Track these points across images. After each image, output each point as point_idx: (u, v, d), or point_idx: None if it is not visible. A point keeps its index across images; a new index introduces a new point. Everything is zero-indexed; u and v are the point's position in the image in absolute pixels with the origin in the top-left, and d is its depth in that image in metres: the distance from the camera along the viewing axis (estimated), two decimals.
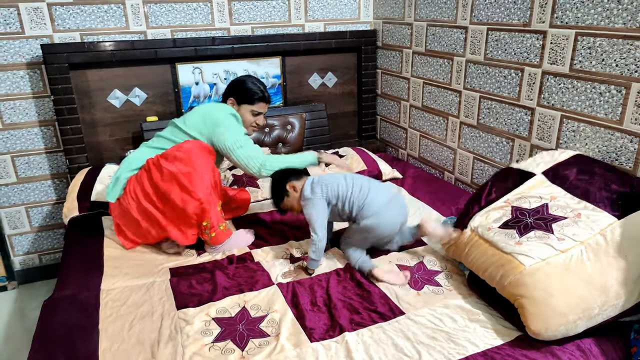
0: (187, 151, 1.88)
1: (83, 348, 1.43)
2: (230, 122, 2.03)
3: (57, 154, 2.72)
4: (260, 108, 2.14)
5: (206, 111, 2.05)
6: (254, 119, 2.14)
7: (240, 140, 1.99)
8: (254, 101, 2.11)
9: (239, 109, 2.12)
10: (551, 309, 1.38)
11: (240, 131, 2.03)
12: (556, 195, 1.66)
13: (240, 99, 2.11)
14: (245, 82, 2.13)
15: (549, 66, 2.05)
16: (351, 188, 1.82)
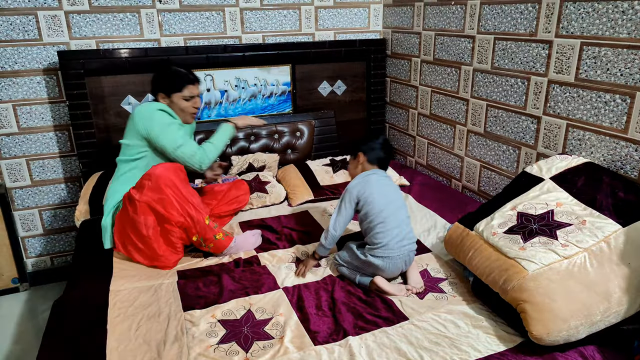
0: (157, 178, 1.86)
1: (91, 346, 1.47)
2: (162, 121, 2.01)
3: (71, 158, 2.78)
4: (191, 91, 2.09)
5: (136, 115, 2.02)
6: (189, 104, 2.10)
7: (176, 141, 2.00)
8: (182, 87, 2.06)
9: (171, 100, 2.07)
10: (553, 314, 1.38)
11: (174, 129, 2.02)
12: (562, 202, 1.67)
13: (168, 90, 2.06)
14: (165, 72, 2.09)
15: (554, 75, 2.06)
16: (378, 214, 1.78)
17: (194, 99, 2.11)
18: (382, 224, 1.77)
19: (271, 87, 3.08)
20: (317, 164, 2.85)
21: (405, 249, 1.77)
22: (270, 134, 3.00)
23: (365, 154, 1.93)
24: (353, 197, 1.85)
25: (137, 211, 1.87)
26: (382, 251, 1.75)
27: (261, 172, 2.80)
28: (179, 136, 2.02)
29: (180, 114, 2.10)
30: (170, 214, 1.88)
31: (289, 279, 1.82)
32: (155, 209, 1.88)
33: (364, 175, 1.90)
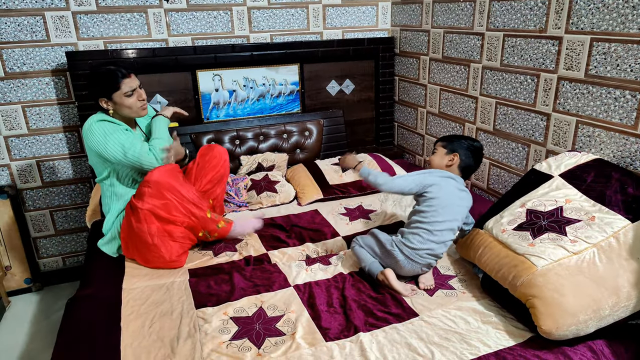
0: (156, 184, 1.86)
1: (105, 343, 1.49)
2: (103, 132, 1.92)
3: (81, 159, 2.81)
4: (129, 84, 1.96)
5: (83, 135, 1.98)
6: (134, 99, 1.98)
7: (123, 146, 1.92)
8: (118, 84, 1.93)
9: (114, 102, 1.96)
10: (562, 309, 1.39)
11: (117, 136, 1.93)
12: (571, 198, 1.67)
13: (107, 93, 1.95)
14: (95, 75, 1.97)
15: (564, 72, 2.05)
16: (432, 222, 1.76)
17: (136, 92, 1.98)
18: (428, 232, 1.75)
19: (279, 87, 3.09)
20: (326, 164, 2.86)
21: (430, 260, 1.77)
22: (279, 133, 3.01)
23: (461, 158, 1.89)
24: (427, 184, 1.80)
25: (140, 219, 1.87)
26: (410, 252, 1.74)
27: (270, 171, 2.81)
28: (124, 140, 1.93)
29: (129, 112, 2.00)
30: (175, 216, 1.90)
31: (300, 277, 1.83)
32: (159, 215, 1.89)
33: (448, 175, 1.85)
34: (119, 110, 1.99)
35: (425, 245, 1.74)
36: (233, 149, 2.89)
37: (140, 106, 2.02)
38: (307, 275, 1.84)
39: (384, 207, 2.50)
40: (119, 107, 1.98)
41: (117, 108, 1.99)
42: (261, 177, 2.72)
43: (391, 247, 1.77)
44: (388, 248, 1.78)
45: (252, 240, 2.18)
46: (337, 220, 2.37)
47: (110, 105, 1.97)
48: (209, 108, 2.96)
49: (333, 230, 2.26)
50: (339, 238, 2.19)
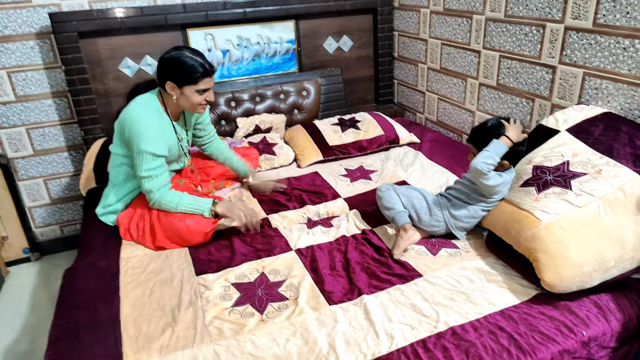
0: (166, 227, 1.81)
1: (105, 313, 1.47)
2: (145, 136, 1.77)
3: (72, 126, 2.73)
4: (206, 84, 1.83)
5: (123, 122, 1.83)
6: (202, 98, 1.85)
7: (149, 171, 1.79)
8: (197, 80, 1.80)
9: (182, 92, 1.83)
10: (565, 260, 1.37)
11: (152, 157, 1.79)
12: (578, 152, 1.63)
13: (180, 81, 1.80)
14: (180, 58, 1.79)
15: (571, 21, 1.95)
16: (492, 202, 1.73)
17: (207, 92, 1.86)
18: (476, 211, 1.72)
19: (275, 45, 2.97)
20: (325, 124, 2.78)
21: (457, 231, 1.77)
22: (276, 94, 2.92)
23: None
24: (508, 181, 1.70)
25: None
26: (450, 219, 1.75)
27: (268, 133, 2.74)
28: (150, 167, 1.80)
29: (188, 106, 1.88)
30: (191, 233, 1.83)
31: (302, 241, 1.80)
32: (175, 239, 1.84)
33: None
34: (180, 100, 1.86)
35: (467, 221, 1.74)
36: (229, 111, 2.81)
37: (202, 107, 1.91)
38: (309, 239, 1.81)
39: (385, 166, 2.45)
40: (182, 98, 1.85)
41: (180, 98, 1.86)
42: (259, 139, 2.65)
43: (437, 207, 1.76)
44: (432, 207, 1.77)
45: (252, 204, 2.14)
46: (338, 182, 2.32)
47: (177, 93, 1.84)
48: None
49: (334, 192, 2.22)
50: (340, 199, 2.15)
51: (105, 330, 1.39)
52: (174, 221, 1.81)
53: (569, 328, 1.30)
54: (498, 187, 1.66)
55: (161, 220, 1.83)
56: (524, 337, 1.27)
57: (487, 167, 1.60)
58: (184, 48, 1.84)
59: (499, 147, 1.62)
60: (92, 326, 1.42)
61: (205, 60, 1.83)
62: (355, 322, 1.37)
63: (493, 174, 1.63)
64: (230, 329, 1.38)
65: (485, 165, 1.60)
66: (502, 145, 1.62)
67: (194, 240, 1.83)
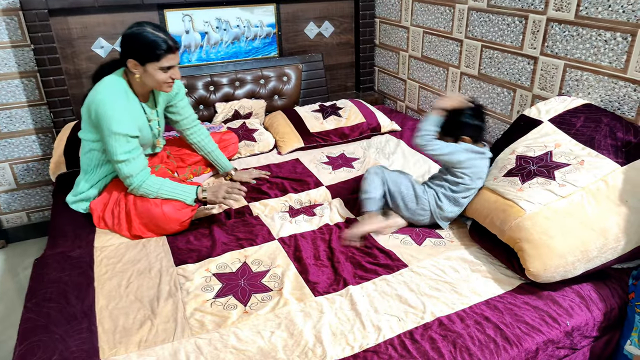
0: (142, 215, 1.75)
1: (78, 305, 1.41)
2: (114, 118, 1.69)
3: (41, 107, 2.60)
4: (170, 61, 1.74)
5: (89, 105, 1.74)
6: (167, 76, 1.76)
7: (125, 154, 1.72)
8: (160, 56, 1.71)
9: (145, 70, 1.73)
10: (550, 250, 1.38)
11: (126, 139, 1.72)
12: (561, 143, 1.65)
13: (143, 58, 1.71)
14: (142, 34, 1.70)
15: (554, 13, 1.96)
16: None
17: (172, 70, 1.77)
18: (457, 200, 1.74)
19: (255, 29, 2.89)
20: (306, 110, 2.74)
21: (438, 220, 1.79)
22: (256, 79, 2.85)
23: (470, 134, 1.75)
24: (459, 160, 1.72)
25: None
26: (435, 209, 1.76)
27: (248, 119, 2.68)
28: (125, 150, 1.72)
29: (153, 84, 1.79)
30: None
31: (285, 229, 1.76)
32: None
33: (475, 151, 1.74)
34: (144, 78, 1.77)
35: (451, 210, 1.75)
36: (207, 96, 2.73)
37: (167, 85, 1.81)
38: (292, 227, 1.78)
39: (367, 154, 2.43)
40: (145, 76, 1.76)
41: (144, 76, 1.77)
42: (238, 125, 2.59)
43: (424, 196, 1.77)
44: (420, 195, 1.76)
45: None
46: (320, 170, 2.29)
47: (139, 70, 1.75)
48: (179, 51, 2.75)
49: (316, 180, 2.18)
50: (322, 188, 2.12)
51: (79, 324, 1.33)
52: (151, 207, 1.75)
53: (553, 318, 1.31)
54: (462, 161, 1.70)
55: (137, 207, 1.77)
56: (510, 327, 1.28)
57: (422, 139, 1.73)
58: (145, 24, 1.74)
59: (431, 118, 1.75)
60: (65, 319, 1.35)
61: (168, 36, 1.74)
62: (341, 314, 1.35)
63: (437, 143, 1.73)
64: (212, 322, 1.34)
65: (419, 137, 1.73)
66: (433, 116, 1.75)
67: (170, 229, 1.77)
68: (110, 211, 1.82)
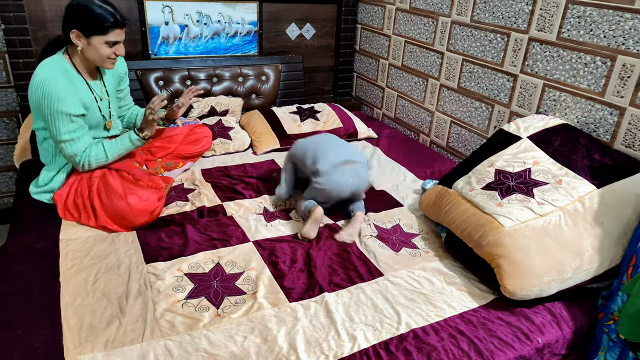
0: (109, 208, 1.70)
1: (42, 300, 1.34)
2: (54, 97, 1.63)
3: (7, 90, 2.47)
4: (116, 36, 1.70)
5: (30, 88, 1.68)
6: (111, 51, 1.71)
7: (69, 134, 1.69)
8: (107, 30, 1.66)
9: (88, 42, 1.67)
10: (527, 269, 1.40)
11: (69, 118, 1.67)
12: (539, 160, 1.68)
13: (87, 30, 1.65)
14: (89, 5, 1.65)
15: (536, 33, 2.01)
16: (305, 152, 1.91)
17: (117, 45, 1.73)
18: (313, 158, 1.88)
19: (236, 26, 2.85)
20: (284, 111, 2.71)
21: (349, 157, 1.88)
22: (234, 76, 2.80)
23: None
24: (287, 159, 1.99)
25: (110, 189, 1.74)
26: (319, 172, 1.84)
27: (224, 116, 2.63)
28: (68, 130, 1.68)
29: (96, 59, 1.73)
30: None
31: (260, 233, 1.73)
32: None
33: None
34: (87, 52, 1.71)
35: (327, 165, 1.84)
36: (184, 90, 2.66)
37: (110, 61, 1.76)
38: (268, 231, 1.75)
39: None
40: (89, 49, 1.70)
41: (86, 49, 1.70)
42: (214, 122, 2.54)
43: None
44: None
45: (206, 189, 2.04)
46: None
47: (83, 42, 1.68)
48: (157, 43, 2.68)
49: None
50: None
51: (43, 320, 1.27)
52: (115, 200, 1.69)
53: (525, 334, 1.33)
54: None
55: (102, 199, 1.71)
56: (483, 342, 1.29)
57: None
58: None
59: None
60: (28, 314, 1.28)
61: (116, 11, 1.70)
62: (316, 321, 1.33)
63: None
64: (183, 323, 1.30)
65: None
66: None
67: (137, 220, 1.71)
68: (72, 201, 1.75)
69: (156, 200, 1.76)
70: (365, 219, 1.85)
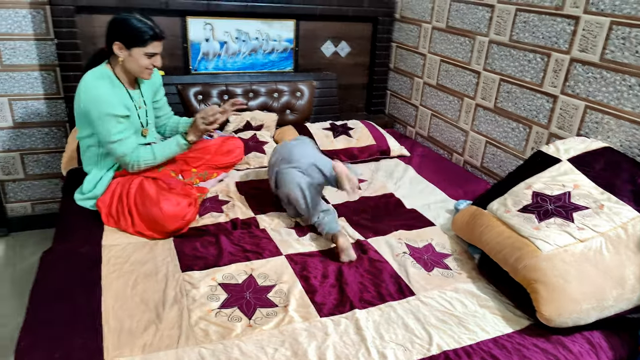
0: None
1: (86, 303, 1.39)
2: (101, 100, 1.77)
3: (57, 101, 2.60)
4: (155, 48, 1.84)
5: (77, 96, 1.82)
6: (149, 62, 1.85)
7: (118, 134, 1.80)
8: (146, 42, 1.80)
9: (130, 54, 1.81)
10: (565, 295, 1.36)
11: (116, 119, 1.79)
12: (580, 184, 1.64)
13: (129, 42, 1.80)
14: (130, 20, 1.80)
15: (578, 53, 1.98)
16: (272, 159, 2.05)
17: (155, 57, 1.87)
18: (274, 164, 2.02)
19: (273, 43, 2.92)
20: (318, 127, 2.74)
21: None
22: (270, 92, 2.86)
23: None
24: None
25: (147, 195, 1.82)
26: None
27: (259, 131, 2.69)
28: (118, 130, 1.80)
29: (135, 69, 1.87)
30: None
31: (293, 247, 1.76)
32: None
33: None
34: (127, 62, 1.85)
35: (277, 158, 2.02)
36: (221, 104, 2.74)
37: (148, 71, 1.90)
38: (300, 246, 1.77)
39: (375, 177, 2.43)
40: (129, 60, 1.84)
41: (127, 60, 1.84)
42: (249, 136, 2.59)
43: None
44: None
45: (239, 202, 2.08)
46: (327, 188, 2.28)
47: (124, 54, 1.82)
48: (197, 59, 2.77)
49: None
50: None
51: (84, 322, 1.32)
52: (149, 206, 1.77)
53: None
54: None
55: (137, 205, 1.79)
56: None
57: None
58: (134, 11, 1.85)
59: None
60: (71, 316, 1.34)
61: (155, 25, 1.85)
62: (346, 337, 1.33)
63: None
64: (216, 332, 1.32)
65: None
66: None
67: (170, 226, 1.77)
68: (114, 208, 1.83)
69: (187, 205, 1.82)
70: (397, 237, 1.85)
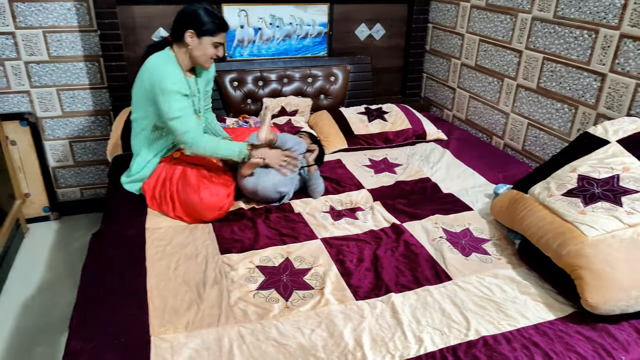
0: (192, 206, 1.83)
1: (132, 282, 1.46)
2: (166, 76, 1.83)
3: (102, 91, 2.70)
4: (222, 38, 1.92)
5: (142, 75, 1.90)
6: (214, 51, 1.92)
7: (179, 110, 1.84)
8: (216, 32, 1.88)
9: (200, 42, 1.88)
10: (612, 282, 1.31)
11: (179, 96, 1.85)
12: (629, 167, 1.56)
13: (201, 31, 1.86)
14: (201, 11, 1.87)
15: (629, 29, 1.87)
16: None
17: (220, 47, 1.94)
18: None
19: (307, 27, 2.91)
20: (352, 112, 2.73)
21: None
22: (304, 77, 2.87)
23: None
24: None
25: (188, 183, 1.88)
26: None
27: (293, 116, 2.71)
28: (179, 107, 1.85)
29: (198, 58, 1.92)
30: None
31: (328, 231, 1.77)
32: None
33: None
34: (195, 50, 1.90)
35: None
36: (256, 91, 2.77)
37: (211, 61, 1.97)
38: (335, 229, 1.78)
39: (411, 161, 2.40)
40: (198, 48, 1.90)
41: (196, 48, 1.90)
42: (284, 121, 2.62)
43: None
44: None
45: None
46: (361, 172, 2.28)
47: (194, 42, 1.88)
48: (232, 45, 2.80)
49: (357, 182, 2.18)
50: (364, 190, 2.11)
51: (131, 299, 1.39)
52: (190, 193, 1.81)
53: (607, 351, 1.24)
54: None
55: (179, 191, 1.84)
56: (560, 356, 1.22)
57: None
58: (203, 4, 1.91)
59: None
60: (119, 293, 1.41)
61: (222, 18, 1.94)
62: (382, 320, 1.34)
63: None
64: (255, 313, 1.36)
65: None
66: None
67: (207, 215, 1.82)
68: (158, 192, 1.90)
69: (225, 196, 1.86)
70: (433, 222, 1.83)
